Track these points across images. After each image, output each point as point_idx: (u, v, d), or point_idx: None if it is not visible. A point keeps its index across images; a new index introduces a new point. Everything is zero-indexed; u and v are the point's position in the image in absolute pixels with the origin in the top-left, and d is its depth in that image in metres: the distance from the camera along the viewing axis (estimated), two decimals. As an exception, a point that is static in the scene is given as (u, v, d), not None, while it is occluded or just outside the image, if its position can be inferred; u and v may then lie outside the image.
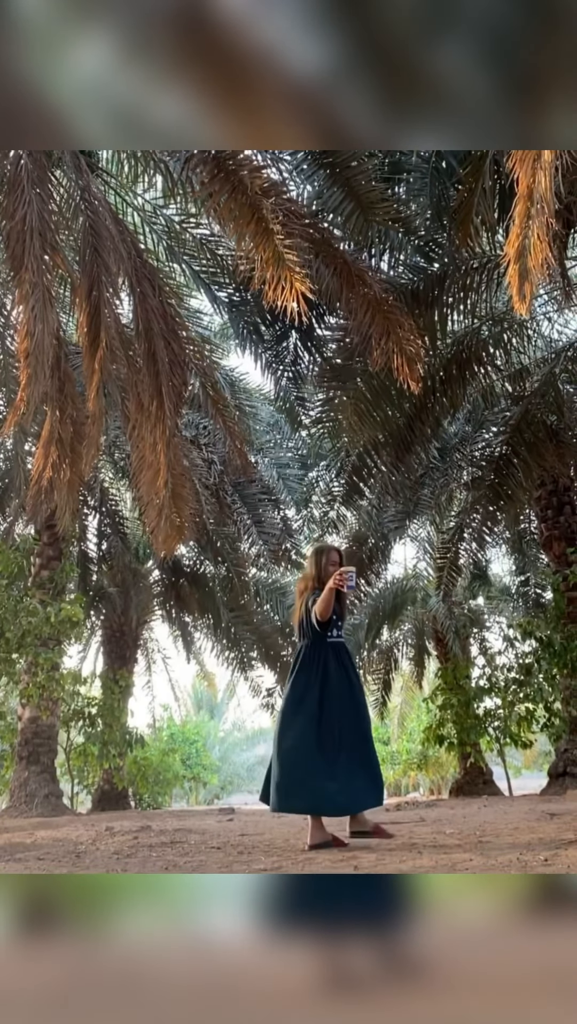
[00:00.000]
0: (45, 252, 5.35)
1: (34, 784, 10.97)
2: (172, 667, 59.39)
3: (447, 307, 6.94)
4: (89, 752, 12.93)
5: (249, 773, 28.65)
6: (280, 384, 8.08)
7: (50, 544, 11.41)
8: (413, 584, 14.50)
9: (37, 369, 5.08)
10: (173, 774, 17.79)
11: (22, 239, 5.23)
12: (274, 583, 14.57)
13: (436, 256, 6.81)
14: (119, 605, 13.97)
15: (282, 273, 4.89)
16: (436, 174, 6.13)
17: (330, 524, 11.06)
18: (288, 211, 5.27)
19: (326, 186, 5.92)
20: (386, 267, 7.24)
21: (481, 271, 6.97)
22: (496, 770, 13.93)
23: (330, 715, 4.26)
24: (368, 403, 7.20)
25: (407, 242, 6.55)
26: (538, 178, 3.79)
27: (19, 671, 10.38)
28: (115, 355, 6.39)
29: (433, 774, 19.61)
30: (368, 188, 5.83)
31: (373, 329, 5.96)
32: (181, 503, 7.27)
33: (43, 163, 5.54)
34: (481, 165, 5.45)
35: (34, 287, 5.08)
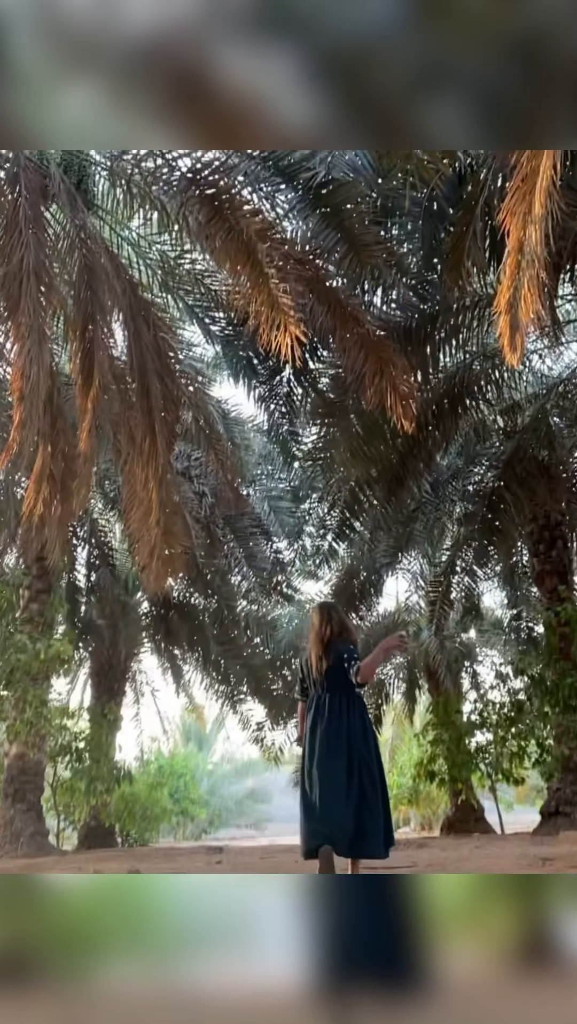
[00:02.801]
0: (41, 294, 5.36)
1: (20, 823, 10.77)
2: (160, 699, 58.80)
3: (439, 345, 6.99)
4: (76, 788, 12.72)
5: (238, 806, 28.27)
6: (273, 418, 8.11)
7: (39, 577, 11.31)
8: (405, 618, 14.45)
9: (31, 412, 5.07)
10: (161, 809, 17.50)
11: (18, 281, 5.24)
12: (264, 616, 14.48)
13: (428, 294, 6.88)
14: (108, 637, 13.82)
15: (277, 317, 4.91)
16: (428, 216, 6.21)
17: (323, 557, 11.04)
18: (283, 253, 5.32)
19: (320, 228, 5.98)
20: (379, 303, 7.30)
21: (473, 308, 7.03)
22: (487, 803, 13.79)
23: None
24: (361, 439, 7.23)
25: (400, 281, 6.61)
26: (529, 232, 3.84)
27: (7, 707, 10.23)
28: (108, 392, 6.39)
29: (424, 809, 19.36)
30: (362, 231, 5.89)
31: (366, 367, 5.99)
32: (172, 540, 7.23)
33: (39, 204, 5.58)
34: (472, 209, 5.51)
35: (30, 330, 5.09)
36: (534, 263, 3.85)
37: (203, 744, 28.45)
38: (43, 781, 11.45)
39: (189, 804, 22.74)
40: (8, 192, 5.83)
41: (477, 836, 12.05)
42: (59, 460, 6.97)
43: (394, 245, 6.41)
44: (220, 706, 15.80)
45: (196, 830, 24.90)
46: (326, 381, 7.59)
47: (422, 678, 14.91)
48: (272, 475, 12.22)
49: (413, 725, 16.77)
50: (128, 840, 15.36)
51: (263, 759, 16.66)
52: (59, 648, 9.48)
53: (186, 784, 22.63)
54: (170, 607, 13.81)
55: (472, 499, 9.54)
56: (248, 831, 27.73)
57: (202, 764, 26.84)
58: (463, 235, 5.60)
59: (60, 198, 6.36)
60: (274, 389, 7.83)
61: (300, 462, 9.17)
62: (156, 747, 22.03)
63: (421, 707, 16.39)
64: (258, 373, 7.71)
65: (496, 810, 13.34)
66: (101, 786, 12.53)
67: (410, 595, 14.75)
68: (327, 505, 9.59)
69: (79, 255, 6.18)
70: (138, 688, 16.84)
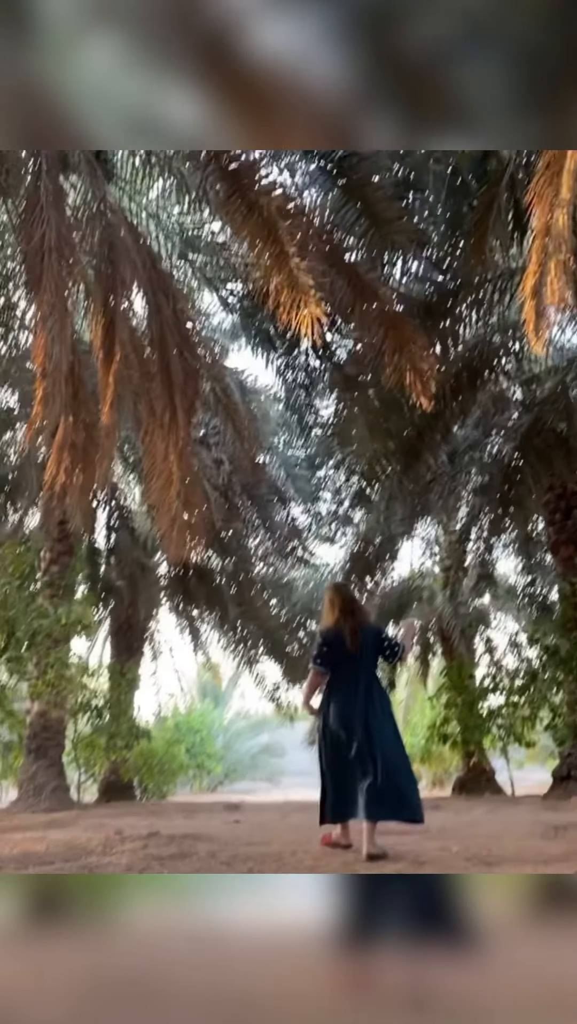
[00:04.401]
0: (63, 270, 5.38)
1: (42, 777, 11.09)
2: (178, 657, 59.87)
3: (459, 318, 6.95)
4: (96, 744, 13.06)
5: (253, 761, 28.85)
6: (292, 393, 8.13)
7: (60, 540, 11.47)
8: (419, 583, 14.55)
9: (54, 389, 5.14)
10: (178, 764, 17.95)
11: (40, 258, 5.26)
12: (280, 579, 14.64)
13: (450, 268, 6.82)
14: (127, 598, 14.04)
15: (297, 296, 4.91)
16: (451, 189, 6.13)
17: (338, 523, 11.13)
18: (304, 229, 5.29)
19: (341, 202, 5.92)
20: (399, 275, 7.25)
21: (495, 281, 6.97)
22: (498, 763, 14.01)
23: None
24: (379, 414, 7.24)
25: (421, 254, 6.55)
26: (556, 215, 3.81)
27: (29, 669, 10.48)
28: (129, 366, 6.43)
29: (435, 767, 19.71)
30: (385, 205, 5.84)
31: (386, 344, 5.99)
32: (192, 510, 7.32)
33: (59, 176, 5.57)
34: (496, 185, 5.45)
35: (52, 308, 5.12)
36: (561, 248, 3.83)
37: (219, 701, 28.94)
38: (64, 738, 11.75)
39: (205, 759, 23.26)
40: (29, 163, 5.81)
41: (488, 797, 12.31)
42: (80, 430, 7.04)
43: (416, 219, 6.33)
44: (236, 665, 16.08)
45: (212, 783, 25.51)
46: (343, 354, 7.57)
47: (436, 642, 15.07)
48: (289, 443, 12.26)
49: (426, 688, 16.98)
50: (146, 793, 15.79)
51: (278, 716, 16.99)
52: (80, 613, 9.68)
53: (202, 739, 23.13)
54: (188, 569, 13.99)
55: (489, 470, 9.55)
56: (263, 784, 28.35)
57: (218, 720, 27.33)
58: (487, 210, 5.55)
59: (80, 168, 6.34)
60: (292, 362, 7.82)
61: (317, 433, 9.19)
62: (173, 704, 22.53)
63: (435, 670, 16.61)
64: (276, 346, 7.70)
65: (507, 770, 13.58)
66: (120, 742, 12.86)
67: (424, 561, 14.85)
68: (343, 474, 9.63)
69: (99, 228, 6.17)
70: (156, 647, 17.16)
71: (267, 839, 6.04)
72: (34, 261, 5.51)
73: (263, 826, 7.62)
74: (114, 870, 4.46)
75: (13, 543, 10.22)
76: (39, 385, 5.46)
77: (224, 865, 4.59)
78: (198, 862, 4.72)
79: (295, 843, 5.46)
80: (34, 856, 5.09)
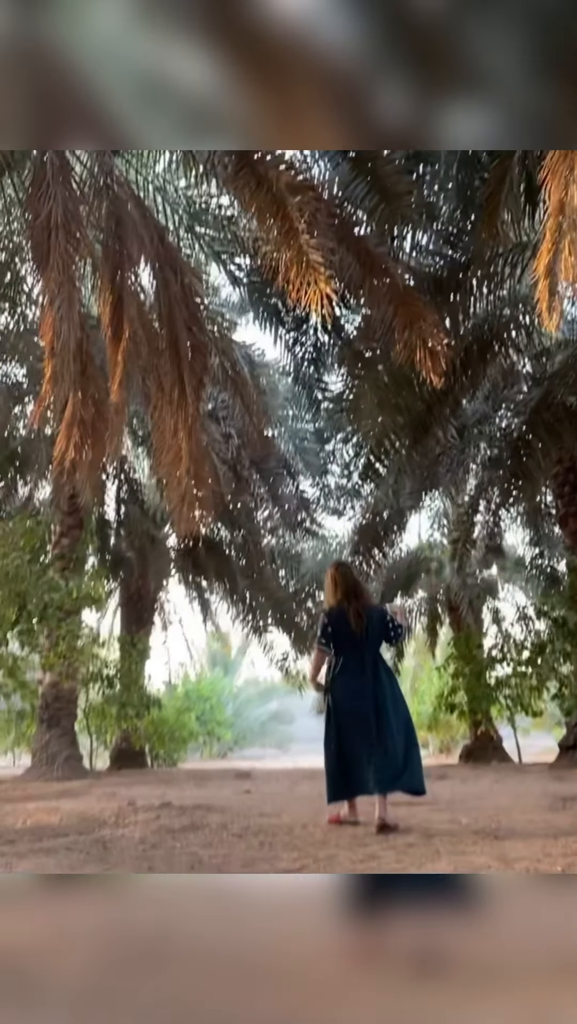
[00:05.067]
0: (70, 246, 5.35)
1: (55, 746, 11.28)
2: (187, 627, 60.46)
3: (470, 293, 6.88)
4: (107, 713, 13.24)
5: (262, 728, 29.25)
6: (301, 369, 8.08)
7: (70, 513, 11.53)
8: (427, 554, 14.60)
9: (62, 368, 5.14)
10: (188, 732, 18.22)
11: (47, 234, 5.23)
12: (289, 550, 14.71)
13: (460, 243, 6.73)
14: (136, 570, 14.15)
15: (307, 273, 4.88)
16: (462, 162, 6.04)
17: (347, 496, 11.14)
18: (313, 205, 5.22)
19: (351, 177, 5.84)
20: (408, 248, 7.17)
21: (506, 255, 6.89)
22: (505, 730, 14.16)
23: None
24: (388, 390, 7.21)
25: (431, 228, 6.47)
26: (571, 193, 3.75)
27: (41, 641, 10.60)
28: (137, 342, 6.41)
29: (443, 734, 19.95)
30: (394, 179, 5.76)
31: (396, 321, 5.95)
32: (202, 485, 7.35)
33: (66, 158, 5.50)
34: (509, 158, 5.36)
35: (60, 286, 5.10)
36: (576, 225, 3.77)
37: (229, 669, 29.25)
38: (76, 708, 11.92)
39: (215, 726, 23.59)
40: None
41: (495, 765, 12.46)
42: (89, 406, 7.04)
43: (426, 192, 6.24)
44: (245, 634, 16.23)
45: (222, 749, 25.91)
46: (352, 329, 7.51)
47: (444, 613, 15.16)
48: (298, 417, 12.23)
49: (434, 658, 17.12)
50: (157, 760, 16.05)
51: (286, 684, 17.17)
52: (90, 587, 9.76)
53: (212, 707, 23.44)
54: (197, 541, 14.06)
55: (498, 443, 9.52)
56: (272, 751, 28.77)
57: (228, 688, 27.65)
58: (499, 184, 5.47)
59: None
60: (300, 337, 7.77)
61: (326, 408, 9.16)
62: (184, 672, 22.81)
63: (443, 640, 16.72)
64: (284, 321, 7.65)
65: (514, 738, 13.73)
66: (131, 711, 13.03)
67: (433, 534, 14.90)
68: (352, 448, 9.62)
69: (106, 202, 6.11)
70: (166, 618, 17.32)
71: (277, 810, 6.15)
72: (41, 237, 5.49)
73: (273, 796, 7.74)
74: (127, 843, 4.54)
75: (23, 517, 10.28)
76: (48, 364, 5.46)
77: (236, 837, 4.67)
78: (210, 834, 4.80)
79: (305, 815, 5.56)
80: (48, 828, 5.19)
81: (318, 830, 4.80)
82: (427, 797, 6.82)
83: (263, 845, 4.35)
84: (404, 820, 4.96)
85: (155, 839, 4.64)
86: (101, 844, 4.50)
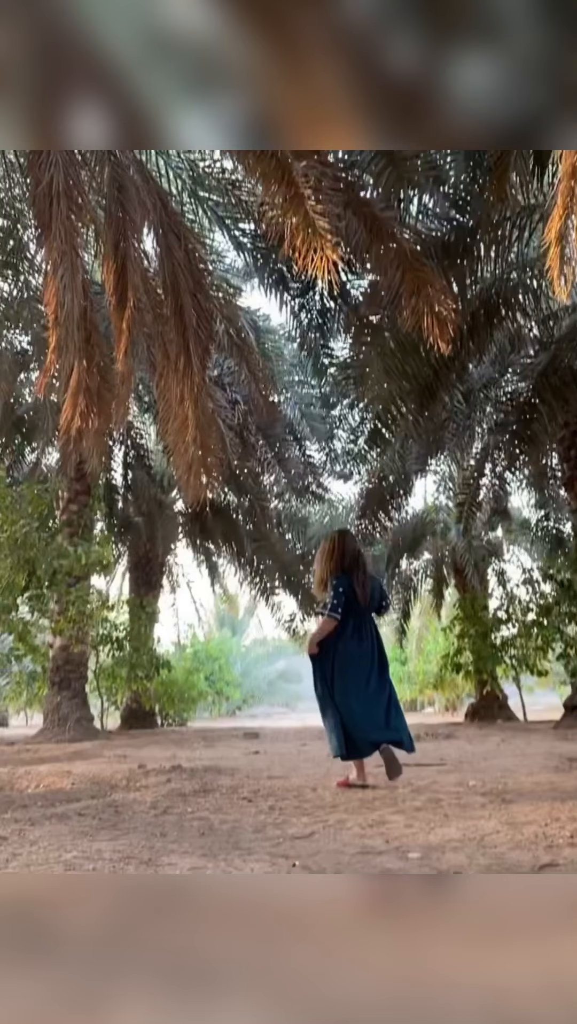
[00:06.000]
0: (72, 213, 5.29)
1: (66, 708, 11.46)
2: (195, 588, 61.06)
3: (477, 257, 6.79)
4: (117, 675, 13.43)
5: (270, 687, 29.68)
6: (306, 337, 8.02)
7: (78, 479, 11.57)
8: (433, 517, 14.63)
9: (67, 337, 5.12)
10: (197, 692, 18.48)
11: (49, 202, 5.17)
12: (296, 513, 14.76)
13: (467, 206, 6.63)
14: (145, 534, 14.23)
15: (313, 240, 4.82)
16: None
17: (353, 461, 11.13)
18: (319, 170, 5.14)
19: (357, 140, 5.71)
20: (415, 211, 7.06)
21: (513, 219, 6.79)
22: (510, 688, 14.34)
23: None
24: (395, 356, 7.16)
25: (438, 192, 6.36)
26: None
27: (50, 606, 10.71)
28: (142, 310, 6.36)
29: (449, 693, 20.22)
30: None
31: (403, 287, 5.89)
32: (208, 452, 7.35)
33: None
34: (518, 118, 5.24)
35: (63, 255, 5.06)
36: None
37: (236, 629, 29.56)
38: (87, 671, 12.08)
39: (224, 685, 23.92)
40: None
41: (501, 724, 12.65)
42: (94, 374, 7.03)
43: (434, 154, 6.11)
44: (253, 596, 16.37)
45: (231, 708, 26.32)
46: (358, 295, 7.43)
47: (449, 575, 15.24)
48: (304, 382, 12.16)
49: (440, 620, 17.26)
50: (167, 720, 16.32)
51: (293, 644, 17.37)
52: (99, 553, 9.83)
53: (221, 667, 23.74)
54: (205, 506, 14.10)
55: (504, 408, 9.48)
56: (280, 709, 29.23)
57: (236, 648, 27.98)
58: (508, 149, 5.35)
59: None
60: (306, 302, 7.69)
61: (332, 373, 9.10)
62: (192, 633, 23.07)
63: (448, 601, 16.84)
64: (290, 287, 7.57)
65: (518, 696, 13.91)
66: (141, 672, 13.22)
67: (438, 497, 14.90)
68: (358, 413, 9.59)
69: (109, 168, 6.03)
70: (174, 580, 17.47)
71: (286, 771, 6.26)
72: (43, 204, 5.42)
73: (282, 756, 7.88)
74: (139, 808, 4.63)
75: (31, 484, 10.32)
76: (52, 333, 5.44)
77: (246, 801, 4.76)
78: (220, 798, 4.88)
79: (314, 777, 5.67)
80: (60, 793, 5.28)
81: (328, 793, 4.89)
82: (435, 758, 6.95)
83: (273, 809, 4.43)
84: (412, 782, 5.07)
85: (166, 803, 4.73)
86: (113, 809, 4.59)
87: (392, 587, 15.56)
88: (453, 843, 3.33)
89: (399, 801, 4.46)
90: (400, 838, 3.50)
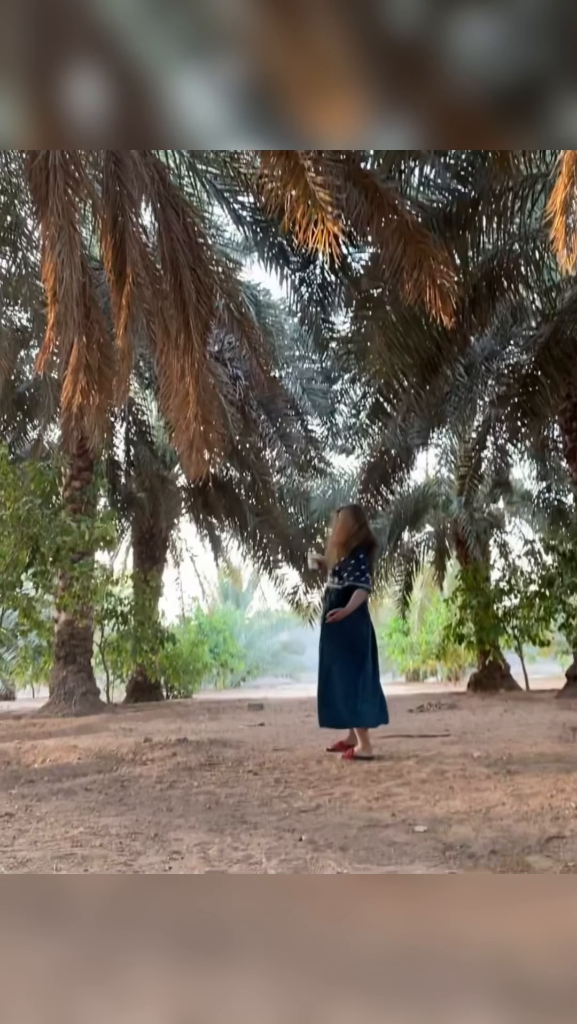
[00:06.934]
0: (69, 188, 5.23)
1: (72, 682, 11.54)
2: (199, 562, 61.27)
3: (479, 229, 6.72)
4: (123, 648, 13.51)
5: (274, 658, 29.90)
6: (307, 311, 7.96)
7: (80, 455, 11.57)
8: (435, 489, 14.64)
9: (65, 314, 5.10)
10: (202, 664, 18.62)
11: (45, 175, 5.11)
12: (298, 487, 14.77)
13: (469, 176, 6.54)
14: (148, 510, 14.26)
15: (314, 212, 4.76)
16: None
17: (354, 434, 11.11)
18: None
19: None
20: (416, 183, 6.97)
21: (516, 189, 6.70)
22: (512, 657, 14.44)
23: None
24: (396, 329, 7.11)
25: (440, 163, 6.27)
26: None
27: (55, 583, 10.76)
28: (141, 286, 6.32)
29: (451, 663, 20.36)
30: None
31: (405, 260, 5.83)
32: (210, 428, 7.34)
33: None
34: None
35: (60, 231, 5.02)
36: (595, 160, 3.65)
37: (240, 602, 29.70)
38: (92, 645, 12.15)
39: (228, 657, 24.10)
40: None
41: (503, 693, 12.74)
42: (94, 350, 6.99)
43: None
44: (256, 570, 16.42)
45: (235, 679, 26.54)
46: (359, 268, 7.36)
47: (451, 547, 15.28)
48: (304, 357, 12.10)
49: (442, 591, 17.33)
50: (172, 692, 16.46)
51: (296, 616, 17.45)
52: (103, 530, 9.86)
53: (225, 639, 23.90)
54: (207, 481, 14.11)
55: (506, 380, 9.43)
56: (284, 680, 29.46)
57: (239, 620, 28.14)
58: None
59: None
60: (307, 276, 7.63)
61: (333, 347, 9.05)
62: (196, 606, 23.19)
63: (450, 572, 16.90)
64: (290, 261, 7.50)
65: (521, 665, 14.02)
66: (146, 646, 13.30)
67: (440, 469, 14.90)
68: (360, 387, 9.55)
69: (106, 141, 5.94)
70: (178, 555, 17.53)
71: (291, 743, 6.32)
72: (39, 179, 5.36)
73: (286, 728, 7.94)
74: (145, 782, 4.67)
75: (34, 460, 10.32)
76: (51, 309, 5.41)
77: (251, 774, 4.81)
78: (226, 771, 4.93)
79: (319, 749, 5.72)
80: (67, 768, 5.32)
81: (332, 765, 4.94)
82: (440, 728, 7.00)
83: (279, 783, 4.48)
84: (417, 753, 5.11)
85: (172, 777, 4.77)
86: (119, 783, 4.63)
87: (394, 559, 15.61)
88: (459, 815, 3.36)
89: (404, 773, 4.48)
90: (406, 811, 3.53)
